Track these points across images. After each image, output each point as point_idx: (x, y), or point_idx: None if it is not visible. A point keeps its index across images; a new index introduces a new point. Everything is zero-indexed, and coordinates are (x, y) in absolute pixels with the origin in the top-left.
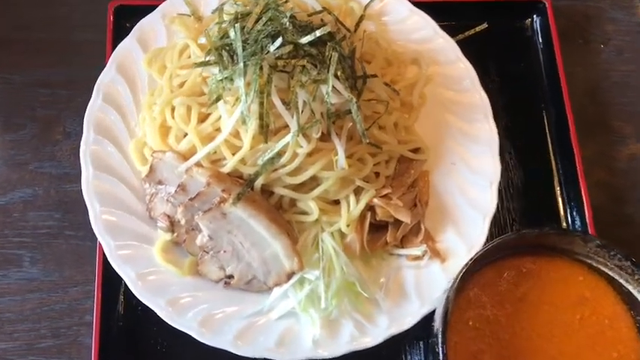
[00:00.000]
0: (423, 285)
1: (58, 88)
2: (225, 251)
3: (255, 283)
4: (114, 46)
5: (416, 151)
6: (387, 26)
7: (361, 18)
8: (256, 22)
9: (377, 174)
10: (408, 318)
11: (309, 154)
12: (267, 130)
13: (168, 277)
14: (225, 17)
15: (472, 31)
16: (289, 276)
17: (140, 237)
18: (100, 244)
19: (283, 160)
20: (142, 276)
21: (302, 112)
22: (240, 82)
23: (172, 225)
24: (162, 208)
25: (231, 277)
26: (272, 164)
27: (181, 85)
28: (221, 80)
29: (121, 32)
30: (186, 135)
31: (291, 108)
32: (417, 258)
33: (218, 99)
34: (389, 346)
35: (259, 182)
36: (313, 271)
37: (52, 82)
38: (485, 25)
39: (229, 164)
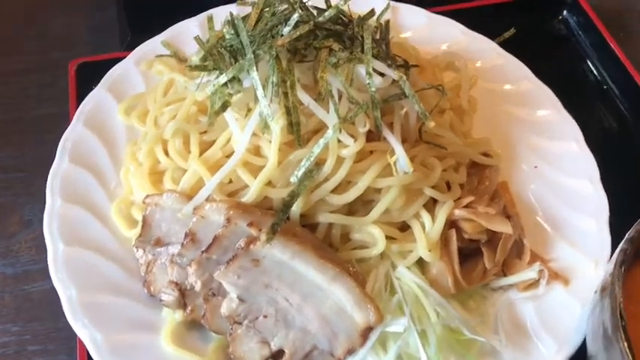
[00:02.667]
0: (551, 318)
1: (13, 171)
2: (265, 316)
3: (317, 356)
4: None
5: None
6: (407, 37)
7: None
8: (257, 21)
9: (447, 185)
10: None
11: (357, 159)
12: (298, 129)
13: None
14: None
15: (501, 38)
16: (365, 334)
17: (139, 324)
18: (80, 347)
19: (325, 169)
20: None
21: (339, 103)
22: (253, 74)
23: (183, 296)
24: (166, 277)
25: (280, 353)
26: (311, 179)
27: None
28: (225, 84)
29: (86, 94)
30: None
31: (323, 100)
32: (531, 286)
33: (225, 107)
34: None
35: (297, 208)
36: (398, 320)
37: (5, 165)
38: (512, 31)
39: (253, 189)
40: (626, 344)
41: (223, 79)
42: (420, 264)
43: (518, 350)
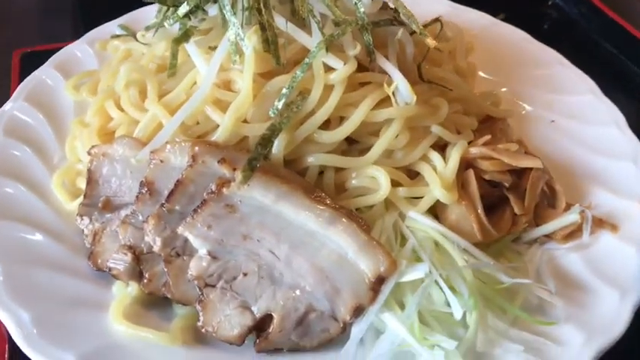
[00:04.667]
0: (604, 268)
1: None
2: (245, 274)
3: (315, 321)
4: None
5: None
6: None
7: None
8: None
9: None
10: (609, 320)
11: (349, 88)
12: (276, 47)
13: (146, 355)
14: None
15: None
16: (375, 287)
17: (81, 303)
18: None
19: (311, 99)
20: (91, 357)
21: (323, 26)
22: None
23: (139, 262)
24: (117, 246)
25: (267, 320)
26: (294, 110)
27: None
28: (187, 16)
29: None
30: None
31: (304, 25)
32: (572, 235)
33: (187, 36)
34: None
35: (280, 148)
36: (416, 267)
37: None
38: (503, 15)
39: (224, 125)
40: None
41: (185, 8)
42: (435, 213)
43: (570, 303)
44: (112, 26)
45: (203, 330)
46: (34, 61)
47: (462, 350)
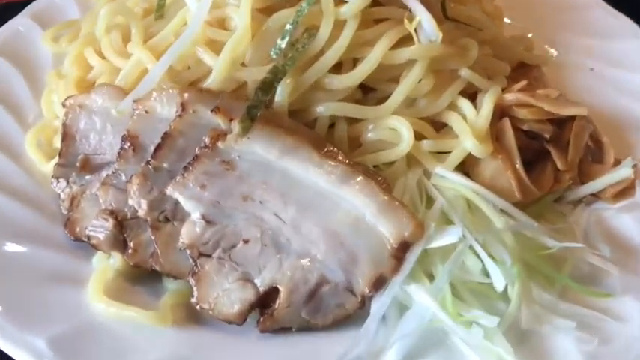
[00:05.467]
0: None
1: None
2: (246, 241)
3: (328, 294)
4: None
5: None
6: None
7: None
8: None
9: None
10: None
11: (364, 24)
12: None
13: (131, 337)
14: None
15: None
16: (399, 254)
17: (57, 277)
18: None
19: (320, 37)
20: (64, 341)
21: None
22: None
23: (122, 229)
24: (96, 211)
25: (272, 294)
26: (300, 50)
27: None
28: None
29: None
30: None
31: None
32: (622, 193)
33: None
34: None
35: (283, 94)
36: (447, 230)
37: None
38: None
39: (217, 68)
40: None
41: None
42: (465, 172)
43: (628, 272)
44: None
45: (198, 307)
46: (8, 12)
47: (504, 327)
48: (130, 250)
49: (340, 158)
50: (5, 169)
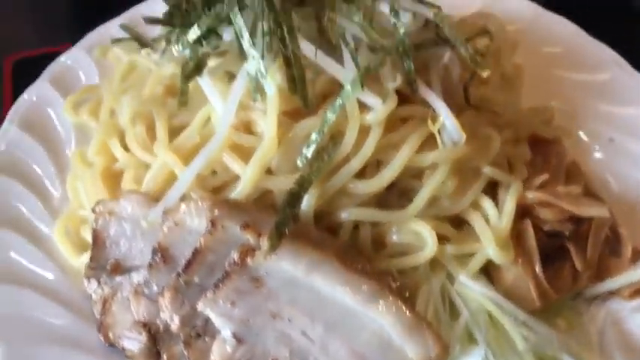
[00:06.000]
0: None
1: None
2: None
3: None
4: None
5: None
6: None
7: None
8: None
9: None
10: None
11: (387, 129)
12: (303, 86)
13: None
14: None
15: None
16: None
17: None
18: None
19: (345, 145)
20: None
21: (356, 51)
22: (237, 19)
23: (155, 341)
24: (129, 317)
25: None
26: (326, 159)
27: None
28: (199, 41)
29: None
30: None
31: (334, 52)
32: (639, 291)
33: (199, 68)
34: None
35: (310, 203)
36: (471, 352)
37: None
38: None
39: (246, 178)
40: None
41: (195, 32)
42: (488, 272)
43: None
44: (111, 26)
45: None
46: (27, 68)
47: None
48: None
49: (367, 270)
50: (36, 262)
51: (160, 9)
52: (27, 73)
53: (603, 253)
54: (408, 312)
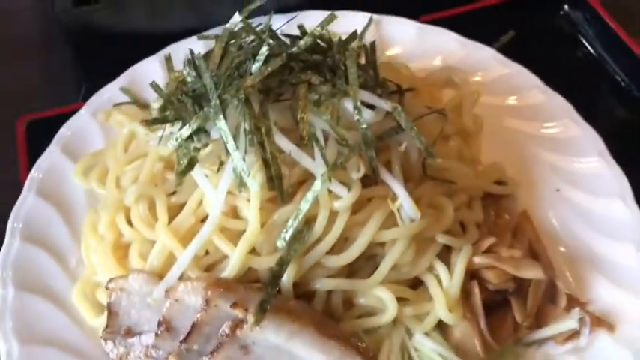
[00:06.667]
0: None
1: None
2: None
3: None
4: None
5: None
6: (395, 53)
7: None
8: (222, 58)
9: (461, 225)
10: None
11: (354, 210)
12: (280, 184)
13: None
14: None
15: (500, 43)
16: None
17: None
18: None
19: (317, 228)
20: None
21: (326, 146)
22: (220, 124)
23: None
24: None
25: None
26: (301, 241)
27: (134, 182)
28: (190, 137)
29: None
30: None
31: (307, 145)
32: (571, 336)
33: (191, 165)
34: None
35: (289, 278)
36: None
37: None
38: (512, 34)
39: (234, 260)
40: None
41: (187, 131)
42: (441, 326)
43: None
44: (113, 89)
45: None
46: (41, 130)
47: None
48: None
49: (338, 337)
50: (60, 324)
51: (155, 68)
52: (37, 134)
53: (542, 302)
54: None
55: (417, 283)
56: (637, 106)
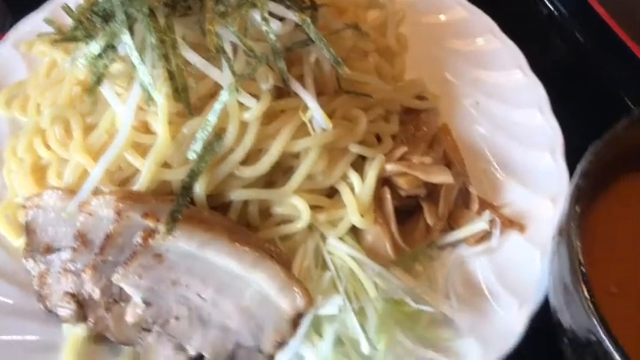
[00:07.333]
0: (508, 273)
1: None
2: (177, 318)
3: (243, 355)
4: None
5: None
6: None
7: None
8: None
9: (377, 138)
10: (506, 330)
11: (266, 122)
12: (186, 95)
13: None
14: None
15: None
16: (295, 322)
17: (37, 347)
18: None
19: (227, 140)
20: None
21: (235, 58)
22: (126, 39)
23: (82, 308)
24: (61, 289)
25: (201, 357)
26: (212, 152)
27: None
28: (100, 55)
29: None
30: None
31: (215, 58)
32: (483, 238)
33: (99, 81)
34: None
35: (201, 189)
36: (331, 300)
37: None
38: None
39: (145, 172)
40: (587, 295)
41: (95, 47)
42: (355, 232)
43: (474, 314)
44: (36, 20)
45: None
46: None
47: None
48: (90, 324)
49: (251, 241)
50: None
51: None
52: None
53: (456, 207)
54: (282, 273)
55: (333, 193)
56: (560, 30)
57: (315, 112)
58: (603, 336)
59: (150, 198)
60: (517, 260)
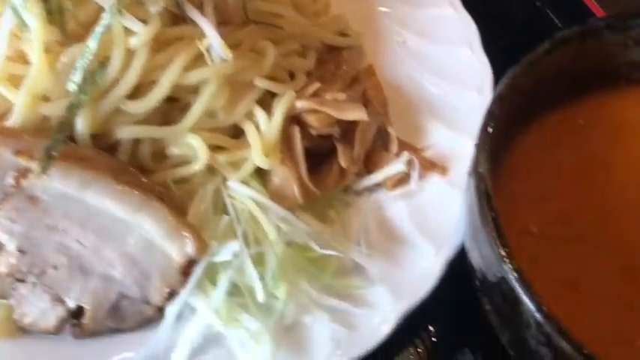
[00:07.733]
0: (426, 217)
1: None
2: (55, 267)
3: (128, 307)
4: None
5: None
6: None
7: None
8: None
9: (291, 75)
10: (421, 277)
11: (156, 49)
12: (62, 18)
13: None
14: None
15: None
16: (186, 270)
17: None
18: None
19: (112, 69)
20: None
21: None
22: None
23: None
24: None
25: (80, 311)
26: (94, 82)
27: None
28: None
29: None
30: None
31: None
32: (401, 181)
33: None
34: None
35: (84, 125)
36: (227, 246)
37: None
38: None
39: (19, 105)
40: (495, 233)
41: None
42: (263, 175)
43: (387, 261)
44: None
45: (20, 325)
46: None
47: (271, 326)
48: None
49: (140, 183)
50: None
51: None
52: None
53: (374, 148)
54: (170, 217)
55: (239, 133)
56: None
57: (212, 40)
58: (510, 276)
59: (23, 134)
60: (437, 204)
